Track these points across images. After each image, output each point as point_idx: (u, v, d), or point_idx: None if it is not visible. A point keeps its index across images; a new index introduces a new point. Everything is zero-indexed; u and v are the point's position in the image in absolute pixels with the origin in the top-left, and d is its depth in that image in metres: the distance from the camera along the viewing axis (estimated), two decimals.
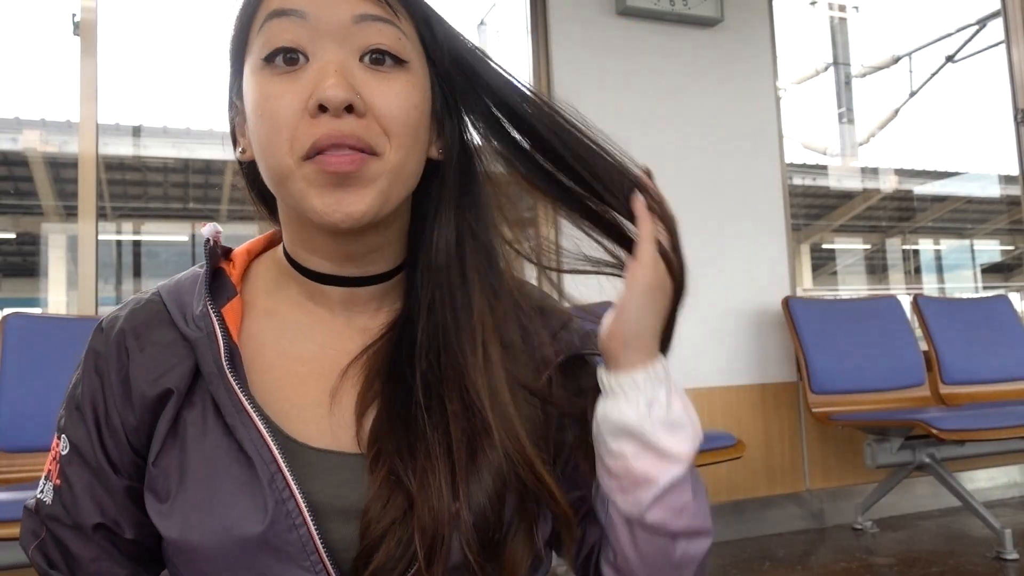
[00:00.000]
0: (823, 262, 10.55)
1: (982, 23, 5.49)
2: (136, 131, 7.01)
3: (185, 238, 8.45)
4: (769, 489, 2.99)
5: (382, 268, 0.63)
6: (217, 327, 0.59)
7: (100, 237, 2.54)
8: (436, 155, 0.63)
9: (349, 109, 0.54)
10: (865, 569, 2.48)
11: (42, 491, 0.62)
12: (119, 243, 7.94)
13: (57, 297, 7.38)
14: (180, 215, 8.28)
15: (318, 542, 0.54)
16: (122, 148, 6.99)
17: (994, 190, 8.46)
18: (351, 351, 0.62)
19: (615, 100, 2.95)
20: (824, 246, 10.21)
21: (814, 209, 9.25)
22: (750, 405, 3.00)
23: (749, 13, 3.23)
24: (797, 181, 7.66)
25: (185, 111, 7.21)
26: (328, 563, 0.55)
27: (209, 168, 7.69)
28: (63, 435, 0.62)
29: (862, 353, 3.01)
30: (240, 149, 0.64)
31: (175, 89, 7.07)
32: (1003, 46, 3.93)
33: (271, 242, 0.69)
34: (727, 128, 3.13)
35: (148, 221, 8.29)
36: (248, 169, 0.65)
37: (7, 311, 2.17)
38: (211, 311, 0.60)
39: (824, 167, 7.81)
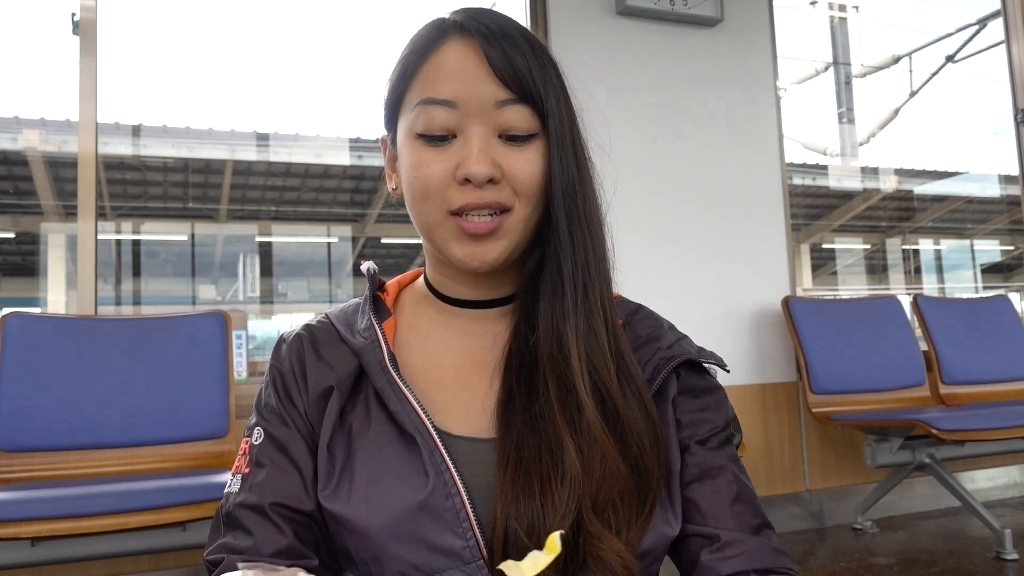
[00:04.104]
0: (823, 262, 10.55)
1: (982, 23, 5.48)
2: (136, 130, 7.01)
3: (184, 237, 8.44)
4: (769, 489, 2.99)
5: (505, 293, 0.77)
6: (380, 336, 0.73)
7: (99, 236, 2.54)
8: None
9: (489, 180, 0.67)
10: (865, 569, 2.48)
11: (229, 486, 0.72)
12: (119, 242, 7.93)
13: (56, 297, 7.38)
14: (180, 214, 8.28)
15: (470, 510, 0.64)
16: (122, 147, 6.99)
17: (994, 190, 8.46)
18: (480, 358, 0.75)
19: (615, 100, 2.95)
20: (824, 246, 10.21)
21: (814, 209, 9.25)
22: (750, 405, 3.00)
23: (749, 13, 3.23)
24: (797, 181, 7.65)
25: (185, 110, 7.19)
26: (477, 530, 0.64)
27: (208, 167, 7.69)
28: (256, 428, 0.73)
29: (862, 353, 3.01)
30: (392, 186, 0.78)
31: (175, 88, 7.05)
32: (1003, 46, 3.93)
33: (415, 276, 0.85)
34: (727, 128, 3.13)
35: (148, 220, 8.29)
36: (401, 200, 0.79)
37: (7, 311, 2.17)
38: (375, 323, 0.75)
39: (824, 167, 7.81)
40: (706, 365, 0.77)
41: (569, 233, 0.72)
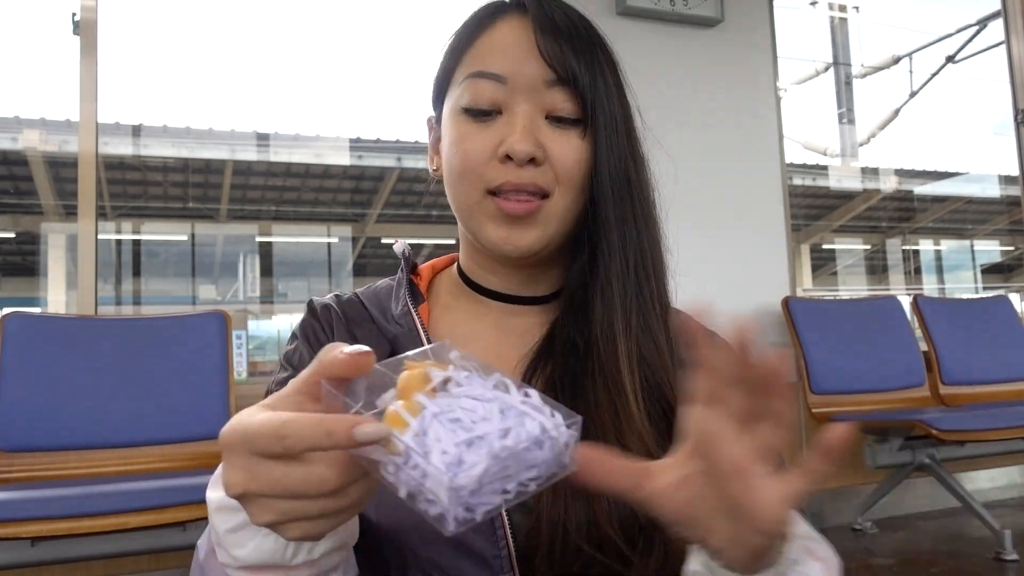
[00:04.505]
0: (823, 262, 10.56)
1: (982, 23, 5.49)
2: (136, 130, 7.01)
3: (184, 237, 8.44)
4: None
5: (542, 291, 0.74)
6: (418, 324, 0.70)
7: (100, 236, 2.54)
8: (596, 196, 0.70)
9: (531, 160, 0.65)
10: (865, 569, 2.48)
11: None
12: (119, 242, 7.94)
13: (57, 296, 7.38)
14: (180, 214, 8.28)
15: (505, 517, 0.61)
16: (122, 147, 6.99)
17: (994, 191, 8.46)
18: (510, 356, 0.70)
19: None
20: (824, 246, 10.22)
21: (814, 209, 9.26)
22: None
23: (749, 13, 3.23)
24: (797, 181, 7.65)
25: (185, 110, 7.20)
26: (510, 539, 0.61)
27: (209, 167, 7.69)
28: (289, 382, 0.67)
29: (862, 353, 3.01)
30: (433, 167, 0.75)
31: (175, 88, 7.06)
32: (1003, 46, 3.93)
33: (451, 260, 0.81)
34: (727, 128, 3.13)
35: (148, 220, 8.29)
36: (439, 183, 0.76)
37: (7, 311, 2.17)
38: (413, 310, 0.71)
39: (824, 167, 7.81)
40: None
41: (618, 227, 0.69)
